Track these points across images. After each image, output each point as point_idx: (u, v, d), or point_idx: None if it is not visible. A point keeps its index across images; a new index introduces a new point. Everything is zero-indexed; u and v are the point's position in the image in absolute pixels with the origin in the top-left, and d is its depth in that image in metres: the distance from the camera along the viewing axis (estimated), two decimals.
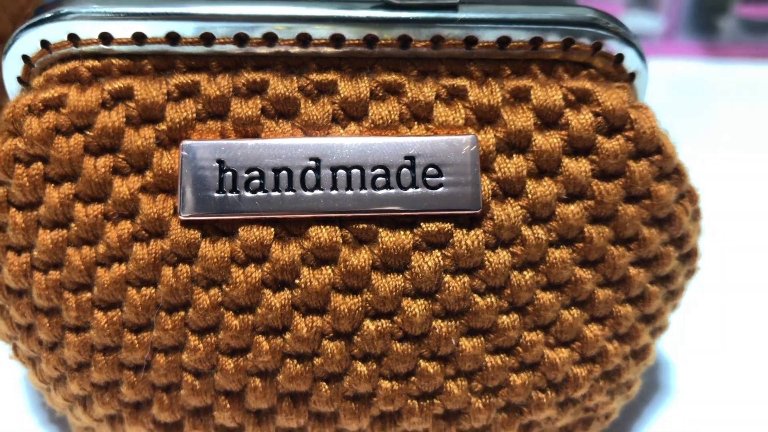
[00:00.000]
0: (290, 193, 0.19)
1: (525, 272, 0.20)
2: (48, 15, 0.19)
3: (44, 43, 0.19)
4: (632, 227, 0.20)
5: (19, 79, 0.20)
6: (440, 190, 0.19)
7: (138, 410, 0.21)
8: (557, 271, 0.20)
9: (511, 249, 0.20)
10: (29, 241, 0.20)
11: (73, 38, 0.19)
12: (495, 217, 0.19)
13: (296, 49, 0.20)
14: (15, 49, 0.20)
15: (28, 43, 0.19)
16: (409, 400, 0.20)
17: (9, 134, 0.19)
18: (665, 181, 0.21)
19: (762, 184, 0.47)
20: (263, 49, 0.19)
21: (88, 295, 0.19)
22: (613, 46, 0.20)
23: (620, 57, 0.20)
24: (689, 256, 0.23)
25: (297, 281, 0.19)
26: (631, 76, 0.21)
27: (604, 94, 0.20)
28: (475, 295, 0.19)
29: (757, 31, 0.76)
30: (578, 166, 0.20)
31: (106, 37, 0.19)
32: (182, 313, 0.19)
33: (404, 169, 0.19)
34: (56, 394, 0.22)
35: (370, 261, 0.19)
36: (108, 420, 0.21)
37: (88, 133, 0.19)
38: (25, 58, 0.20)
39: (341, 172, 0.19)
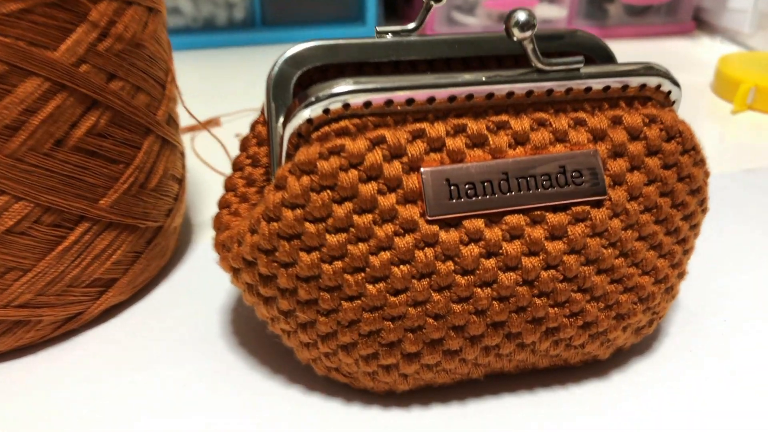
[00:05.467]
0: (492, 196, 0.30)
1: (628, 231, 0.31)
2: (332, 92, 0.29)
3: (326, 111, 0.29)
4: (681, 197, 0.33)
5: (299, 134, 0.29)
6: (583, 186, 0.30)
7: (392, 347, 0.31)
8: (644, 228, 0.32)
9: (620, 218, 0.31)
10: (319, 243, 0.29)
11: (345, 106, 0.29)
12: (612, 199, 0.31)
13: (483, 102, 0.30)
14: (300, 115, 0.29)
15: (312, 112, 0.29)
16: (563, 319, 0.31)
17: (303, 173, 0.29)
18: (698, 165, 0.33)
19: None
20: (463, 103, 0.30)
21: (362, 275, 0.29)
22: (665, 85, 0.32)
23: (669, 92, 0.32)
24: (702, 202, 0.35)
25: (500, 251, 0.30)
26: (674, 102, 0.33)
27: (664, 116, 0.32)
28: (603, 249, 0.31)
29: (636, 14, 0.91)
30: (653, 162, 0.32)
31: (366, 104, 0.29)
32: (428, 280, 0.29)
33: (559, 175, 0.30)
34: (324, 345, 0.31)
35: (544, 234, 0.30)
36: (368, 357, 0.31)
37: (360, 168, 0.29)
38: (309, 120, 0.29)
39: (522, 180, 0.30)
